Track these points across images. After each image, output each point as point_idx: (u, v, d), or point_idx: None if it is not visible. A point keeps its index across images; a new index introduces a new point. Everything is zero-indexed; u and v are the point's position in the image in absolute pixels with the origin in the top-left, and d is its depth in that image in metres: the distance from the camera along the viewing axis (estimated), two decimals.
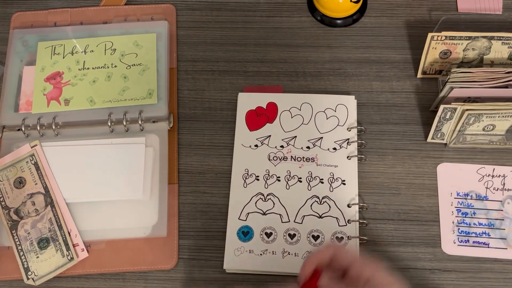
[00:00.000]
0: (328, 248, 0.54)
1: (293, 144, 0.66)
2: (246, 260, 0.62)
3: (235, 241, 0.62)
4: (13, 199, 0.65)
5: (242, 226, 0.63)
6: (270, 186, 0.65)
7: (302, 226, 0.63)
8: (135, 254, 0.63)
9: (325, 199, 0.64)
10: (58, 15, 0.76)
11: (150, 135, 0.68)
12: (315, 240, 0.62)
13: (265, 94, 0.70)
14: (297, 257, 0.61)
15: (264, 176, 0.65)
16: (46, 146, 0.67)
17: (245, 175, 0.65)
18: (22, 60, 0.73)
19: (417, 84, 0.71)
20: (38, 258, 0.62)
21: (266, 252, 0.62)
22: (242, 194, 0.65)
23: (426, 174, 0.66)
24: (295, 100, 0.69)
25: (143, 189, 0.65)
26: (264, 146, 0.67)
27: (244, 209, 0.64)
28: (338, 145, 0.66)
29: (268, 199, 0.64)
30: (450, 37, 0.65)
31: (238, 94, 0.70)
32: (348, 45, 0.73)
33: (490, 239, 0.63)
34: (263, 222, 0.63)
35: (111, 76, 0.71)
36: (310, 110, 0.68)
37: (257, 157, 0.66)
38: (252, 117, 0.68)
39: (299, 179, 0.65)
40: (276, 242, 0.62)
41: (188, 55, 0.74)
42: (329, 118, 0.68)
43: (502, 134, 0.64)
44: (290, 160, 0.66)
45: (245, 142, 0.67)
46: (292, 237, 0.62)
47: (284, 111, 0.68)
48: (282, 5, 0.76)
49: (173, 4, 0.77)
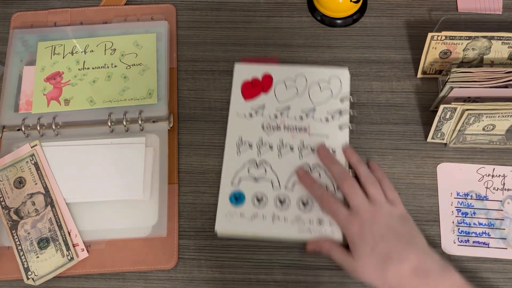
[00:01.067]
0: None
1: (286, 115, 0.68)
2: (237, 223, 0.63)
3: (227, 205, 0.64)
4: (13, 199, 0.65)
5: (234, 191, 0.64)
6: (263, 154, 0.66)
7: (293, 192, 0.64)
8: (135, 254, 0.63)
9: (316, 167, 0.65)
10: (58, 15, 0.76)
11: (150, 135, 0.68)
12: (304, 206, 0.63)
13: (260, 65, 0.71)
14: (286, 221, 0.63)
15: (257, 144, 0.67)
16: (46, 146, 0.67)
17: (238, 142, 0.67)
18: (22, 60, 0.73)
19: (417, 84, 0.71)
20: (38, 258, 0.62)
21: (256, 216, 0.63)
22: (235, 160, 0.66)
23: (426, 174, 0.66)
24: (290, 72, 0.70)
25: (143, 189, 0.65)
26: (259, 115, 0.68)
27: (237, 175, 0.65)
28: (330, 116, 0.67)
29: (260, 166, 0.66)
30: (450, 37, 0.65)
31: (234, 65, 0.71)
32: (348, 45, 0.73)
33: (490, 239, 0.63)
34: (254, 188, 0.65)
35: (111, 76, 0.71)
36: (305, 82, 0.70)
37: (251, 126, 0.68)
38: (248, 87, 0.70)
39: (291, 148, 0.66)
40: (266, 207, 0.64)
41: (188, 55, 0.74)
42: (322, 90, 0.69)
43: (502, 134, 0.64)
44: (283, 130, 0.67)
45: (240, 111, 0.69)
46: (282, 202, 0.64)
47: (279, 82, 0.70)
48: (282, 5, 0.76)
49: (173, 4, 0.77)
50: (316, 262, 0.63)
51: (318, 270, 0.62)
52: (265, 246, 0.64)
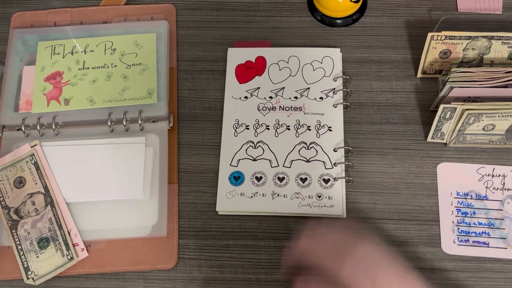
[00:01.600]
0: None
1: (281, 95, 0.69)
2: (237, 202, 0.64)
3: (227, 185, 0.65)
4: (13, 199, 0.65)
5: (233, 171, 0.66)
6: (260, 135, 0.68)
7: (291, 170, 0.66)
8: (135, 254, 0.63)
9: (312, 144, 0.67)
10: (58, 15, 0.76)
11: (150, 135, 0.68)
12: (302, 182, 0.65)
13: (254, 48, 0.72)
14: (286, 198, 0.64)
15: (254, 125, 0.68)
16: (46, 146, 0.67)
17: (235, 125, 0.68)
18: (22, 60, 0.73)
19: (417, 84, 0.71)
20: (38, 258, 0.62)
21: (256, 194, 0.65)
22: (233, 142, 0.67)
23: (426, 173, 0.66)
24: (283, 54, 0.72)
25: (143, 189, 0.65)
26: (254, 97, 0.70)
27: (235, 156, 0.67)
28: (324, 95, 0.69)
29: (258, 146, 0.67)
30: (450, 36, 0.65)
31: (228, 49, 0.73)
32: (348, 45, 0.73)
33: (490, 238, 0.63)
34: (253, 167, 0.66)
35: (111, 76, 0.71)
36: (298, 63, 0.71)
37: (247, 108, 0.69)
38: (242, 70, 0.71)
39: (287, 127, 0.68)
40: (266, 185, 0.65)
41: (188, 55, 0.74)
42: (315, 69, 0.71)
43: (502, 134, 0.64)
44: (279, 110, 0.69)
45: (235, 94, 0.70)
46: (281, 180, 0.65)
47: (272, 64, 0.71)
48: (282, 5, 0.76)
49: (173, 4, 0.77)
50: None
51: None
52: (265, 246, 0.64)
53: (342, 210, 0.64)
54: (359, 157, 0.67)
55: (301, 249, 0.52)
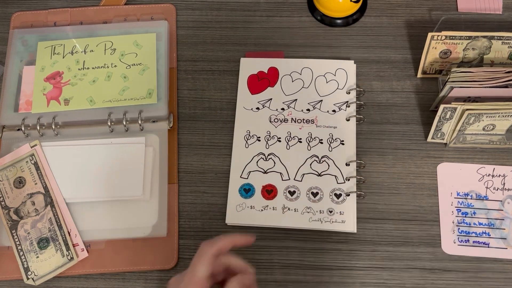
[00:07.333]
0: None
1: (293, 107, 0.69)
2: (247, 215, 0.64)
3: (237, 198, 0.65)
4: (13, 199, 0.65)
5: (243, 183, 0.65)
6: (271, 147, 0.67)
7: (302, 183, 0.65)
8: (135, 254, 0.63)
9: (324, 158, 0.66)
10: (58, 15, 0.76)
11: (150, 135, 0.68)
12: (314, 197, 0.64)
13: (266, 59, 0.72)
14: (297, 212, 0.64)
15: (265, 137, 0.67)
16: (46, 146, 0.67)
17: (246, 136, 0.68)
18: (22, 60, 0.73)
19: (417, 84, 0.71)
20: (38, 258, 0.62)
21: (267, 208, 0.64)
22: (244, 154, 0.67)
23: (426, 174, 0.66)
24: (295, 65, 0.71)
25: (143, 189, 0.65)
26: (265, 108, 0.69)
27: (246, 168, 0.66)
28: (337, 108, 0.68)
29: (269, 158, 0.66)
30: (450, 36, 0.65)
31: (241, 59, 0.72)
32: (348, 45, 0.73)
33: (490, 239, 0.63)
34: (264, 180, 0.65)
35: (111, 76, 0.71)
36: (311, 74, 0.70)
37: (259, 119, 0.68)
38: (254, 81, 0.70)
39: (299, 140, 0.67)
40: (276, 199, 0.64)
41: (188, 55, 0.74)
42: (329, 82, 0.70)
43: (502, 134, 0.64)
44: (291, 122, 0.68)
45: (247, 105, 0.69)
46: (292, 193, 0.65)
47: (285, 75, 0.71)
48: (282, 5, 0.76)
49: (173, 4, 0.77)
50: (316, 262, 0.63)
51: (318, 270, 0.62)
52: (265, 246, 0.64)
53: (354, 226, 0.63)
54: (359, 157, 0.67)
55: None
